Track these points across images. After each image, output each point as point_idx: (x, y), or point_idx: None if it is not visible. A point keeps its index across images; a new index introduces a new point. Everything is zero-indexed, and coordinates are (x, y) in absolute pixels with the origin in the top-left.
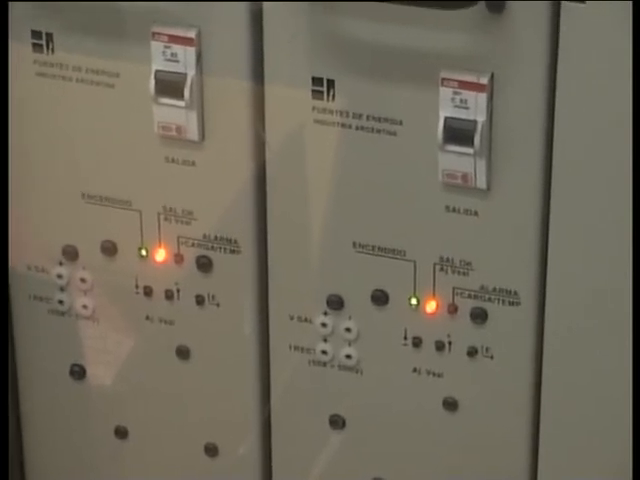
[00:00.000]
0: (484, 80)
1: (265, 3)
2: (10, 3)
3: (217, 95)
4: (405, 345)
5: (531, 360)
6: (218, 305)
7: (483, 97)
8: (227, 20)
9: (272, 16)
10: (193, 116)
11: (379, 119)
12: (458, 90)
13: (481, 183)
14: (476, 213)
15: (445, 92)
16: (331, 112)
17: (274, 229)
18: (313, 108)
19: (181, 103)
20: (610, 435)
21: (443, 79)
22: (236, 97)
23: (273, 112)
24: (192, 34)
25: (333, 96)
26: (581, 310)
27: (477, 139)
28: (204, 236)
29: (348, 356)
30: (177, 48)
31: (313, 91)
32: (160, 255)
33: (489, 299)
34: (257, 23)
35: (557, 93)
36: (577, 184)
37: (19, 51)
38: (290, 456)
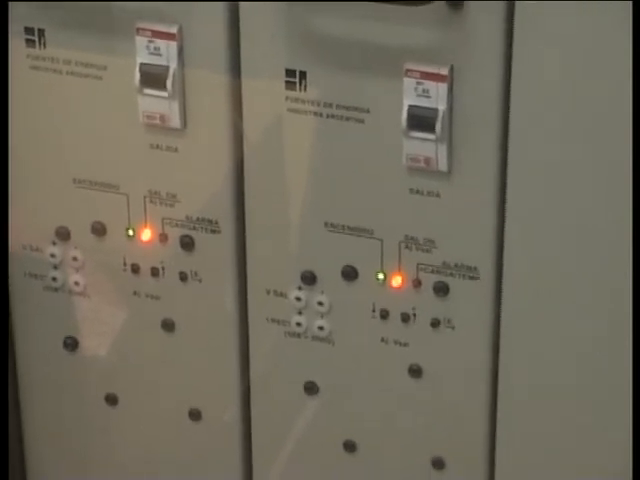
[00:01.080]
0: (444, 71)
1: (242, 1)
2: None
3: (197, 86)
4: (373, 317)
5: (489, 330)
6: (200, 281)
7: (444, 87)
8: (206, 16)
9: (248, 13)
10: (175, 106)
11: (348, 108)
12: (421, 80)
13: (442, 166)
14: (438, 194)
15: (409, 82)
16: (303, 102)
17: (252, 210)
18: (287, 98)
19: (164, 94)
20: (564, 398)
21: (407, 70)
22: (215, 88)
23: (250, 102)
24: (174, 29)
25: (305, 87)
26: (536, 283)
27: (438, 126)
28: (187, 217)
29: (321, 328)
30: (160, 43)
31: (286, 82)
32: (146, 235)
33: (451, 274)
34: (234, 19)
35: (512, 83)
36: (531, 166)
37: (13, 46)
38: (268, 419)
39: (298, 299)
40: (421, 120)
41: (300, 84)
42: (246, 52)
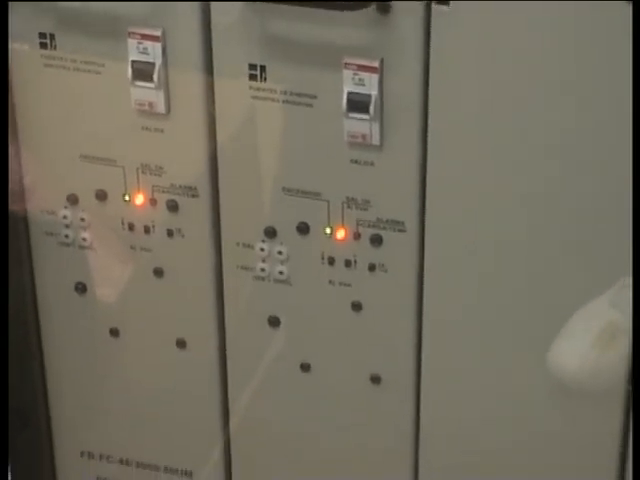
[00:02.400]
0: (376, 64)
1: (213, 9)
2: (13, 6)
3: (178, 79)
4: (322, 263)
5: (415, 274)
6: (183, 236)
7: (375, 77)
8: (184, 22)
9: (218, 19)
10: (161, 95)
11: (299, 94)
12: (357, 72)
13: (376, 141)
14: (372, 164)
15: (347, 73)
16: (264, 90)
17: (224, 178)
18: (250, 87)
19: (151, 85)
20: (478, 328)
21: (345, 63)
22: (192, 80)
23: (220, 91)
24: (158, 33)
25: (265, 78)
26: (453, 234)
27: (372, 108)
28: (172, 185)
29: (281, 272)
30: (147, 43)
31: (250, 75)
32: (139, 200)
33: (384, 228)
34: (207, 24)
35: (430, 73)
36: (447, 140)
37: (30, 48)
38: (239, 347)
39: (262, 250)
40: (358, 104)
41: (261, 76)
42: (217, 51)
